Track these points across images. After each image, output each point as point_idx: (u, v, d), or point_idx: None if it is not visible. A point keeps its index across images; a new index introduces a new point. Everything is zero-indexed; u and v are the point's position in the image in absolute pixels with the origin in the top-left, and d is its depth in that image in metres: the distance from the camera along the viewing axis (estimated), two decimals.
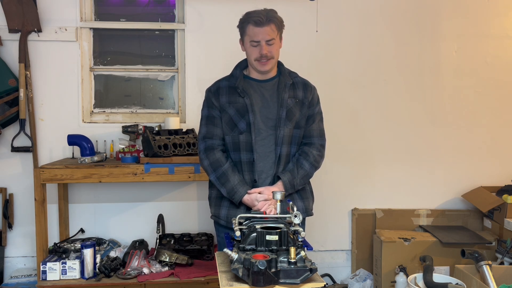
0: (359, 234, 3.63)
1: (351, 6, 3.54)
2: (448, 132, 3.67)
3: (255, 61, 2.12)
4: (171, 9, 3.56)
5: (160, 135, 3.11)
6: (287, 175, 2.12)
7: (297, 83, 2.24)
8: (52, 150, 3.39)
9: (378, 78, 3.60)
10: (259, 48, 2.09)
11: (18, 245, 3.43)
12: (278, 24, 2.11)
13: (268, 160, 2.15)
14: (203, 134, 2.20)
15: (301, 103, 2.21)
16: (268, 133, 2.15)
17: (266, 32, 2.07)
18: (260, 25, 2.06)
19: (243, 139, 2.14)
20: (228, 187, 2.10)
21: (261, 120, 2.15)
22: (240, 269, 1.52)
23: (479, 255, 2.81)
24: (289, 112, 2.16)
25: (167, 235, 3.39)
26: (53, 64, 3.37)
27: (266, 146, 2.15)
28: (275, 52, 2.13)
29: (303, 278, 1.53)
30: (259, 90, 2.19)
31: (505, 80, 3.68)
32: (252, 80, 2.21)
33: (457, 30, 3.62)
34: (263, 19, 2.06)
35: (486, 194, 3.49)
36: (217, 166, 2.12)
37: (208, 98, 2.23)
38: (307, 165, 2.18)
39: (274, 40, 2.10)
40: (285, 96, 2.16)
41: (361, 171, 3.64)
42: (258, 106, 2.16)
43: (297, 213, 1.70)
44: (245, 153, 2.14)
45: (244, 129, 2.13)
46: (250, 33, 2.09)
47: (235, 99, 2.16)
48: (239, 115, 2.14)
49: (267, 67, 2.14)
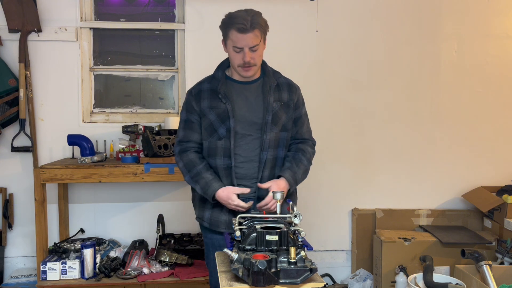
0: (359, 234, 3.63)
1: (351, 6, 3.54)
2: (448, 132, 3.67)
3: (238, 67, 2.05)
4: (171, 9, 3.56)
5: (160, 135, 3.11)
6: (287, 172, 2.09)
7: (281, 84, 2.17)
8: (52, 150, 3.39)
9: (378, 78, 3.60)
10: (241, 54, 2.01)
11: (18, 245, 3.43)
12: (262, 28, 2.02)
13: (252, 164, 2.10)
14: (180, 137, 2.16)
15: (287, 106, 2.15)
16: (253, 137, 2.09)
17: (249, 38, 1.98)
18: (244, 32, 1.97)
19: (221, 145, 2.08)
20: (202, 183, 2.05)
21: (245, 124, 2.08)
22: (240, 269, 1.52)
23: (479, 255, 2.81)
24: (275, 116, 2.10)
25: (167, 235, 3.39)
26: (53, 64, 3.37)
27: (250, 150, 2.10)
28: (258, 59, 2.07)
29: (303, 278, 1.53)
30: (243, 93, 2.12)
31: (505, 80, 3.68)
32: (235, 82, 2.14)
33: (457, 30, 3.62)
34: (247, 25, 1.96)
35: (486, 194, 3.49)
36: (192, 167, 2.09)
37: (188, 101, 2.16)
38: (305, 160, 2.17)
39: (257, 46, 2.02)
40: (270, 99, 2.09)
41: (361, 171, 3.64)
42: (242, 111, 2.09)
43: (297, 213, 1.70)
44: (222, 159, 2.09)
45: (223, 134, 2.08)
46: (233, 39, 2.00)
47: (216, 104, 2.09)
48: (220, 121, 2.08)
49: (250, 73, 2.07)
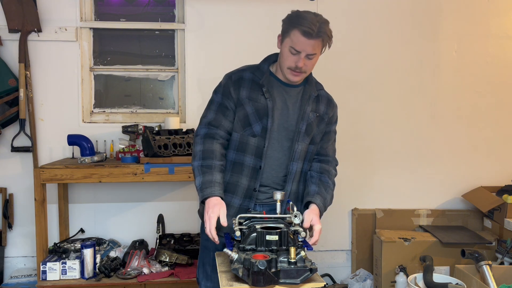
0: (359, 234, 3.63)
1: (351, 6, 3.54)
2: (448, 132, 3.67)
3: (287, 68, 1.91)
4: (171, 9, 3.56)
5: (160, 135, 3.11)
6: (318, 198, 1.95)
7: (321, 97, 2.06)
8: (52, 150, 3.39)
9: (378, 78, 3.60)
10: (297, 58, 1.87)
11: (18, 245, 3.43)
12: (326, 39, 1.89)
13: (276, 172, 1.99)
14: (209, 119, 1.96)
15: (321, 118, 2.04)
16: (281, 143, 1.98)
17: (311, 45, 1.84)
18: (308, 37, 1.82)
19: (253, 143, 1.94)
20: (207, 177, 1.83)
21: (279, 127, 1.97)
22: (240, 269, 1.52)
23: (479, 255, 2.81)
24: (309, 126, 1.99)
25: (167, 235, 3.39)
26: (53, 64, 3.37)
27: (276, 158, 1.98)
28: (311, 67, 1.94)
29: (303, 278, 1.53)
30: (282, 94, 1.99)
31: (505, 80, 3.68)
32: (277, 80, 2.00)
33: (457, 30, 3.62)
34: (313, 31, 1.81)
35: (486, 194, 3.49)
36: (209, 157, 1.88)
37: (226, 85, 1.98)
38: (332, 185, 2.05)
39: (315, 56, 1.89)
40: (307, 109, 1.98)
41: (361, 171, 3.64)
42: (278, 112, 1.97)
43: (297, 213, 1.70)
44: (252, 158, 1.95)
45: (258, 132, 1.94)
46: (294, 40, 1.85)
47: (256, 96, 1.95)
48: (257, 116, 1.94)
49: (297, 79, 1.94)
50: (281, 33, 1.93)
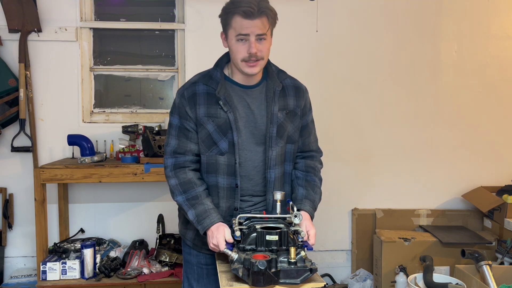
0: (359, 234, 3.63)
1: (351, 6, 3.54)
2: (448, 132, 3.67)
3: (241, 61, 1.74)
4: (171, 9, 3.57)
5: (160, 135, 3.11)
6: (307, 204, 1.84)
7: (287, 88, 1.89)
8: (52, 150, 3.39)
9: (378, 78, 3.60)
10: (247, 45, 1.71)
11: (18, 245, 3.43)
12: (271, 17, 1.74)
13: (255, 181, 1.85)
14: (173, 148, 1.82)
15: (293, 114, 1.88)
16: (254, 151, 1.83)
17: (256, 25, 1.69)
18: (251, 17, 1.68)
19: (223, 161, 1.80)
20: (200, 209, 1.74)
21: (246, 137, 1.81)
22: (240, 269, 1.52)
23: (479, 255, 2.81)
24: (280, 127, 1.83)
25: (167, 235, 3.39)
26: (53, 64, 3.37)
27: (253, 166, 1.83)
28: (266, 52, 1.76)
29: (303, 278, 1.53)
30: (244, 99, 1.82)
31: (505, 80, 3.68)
32: (235, 84, 1.83)
33: (457, 30, 3.62)
34: (254, 9, 1.67)
35: (486, 194, 3.48)
36: (189, 188, 1.78)
37: (180, 105, 1.81)
38: (319, 181, 1.94)
39: (265, 36, 1.72)
40: (274, 108, 1.81)
41: (361, 171, 3.64)
42: (243, 120, 1.80)
43: (297, 213, 1.70)
44: (225, 178, 1.81)
45: (226, 149, 1.79)
46: (237, 26, 1.70)
47: (215, 111, 1.78)
48: (220, 133, 1.79)
49: (256, 70, 1.76)
50: (222, 29, 1.79)
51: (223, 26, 1.79)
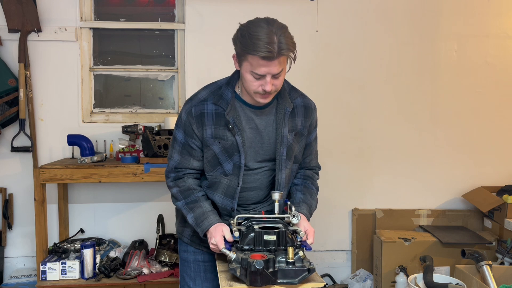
0: (359, 234, 3.63)
1: (351, 6, 3.54)
2: (448, 132, 3.66)
3: (254, 93, 1.69)
4: (171, 9, 3.57)
5: (160, 135, 3.11)
6: (304, 207, 1.85)
7: (297, 108, 1.84)
8: (52, 150, 3.39)
9: (378, 78, 3.60)
10: (262, 81, 1.65)
11: (18, 245, 3.44)
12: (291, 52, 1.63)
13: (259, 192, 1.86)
14: (175, 163, 1.82)
15: (300, 135, 1.86)
16: (262, 167, 1.83)
17: (274, 66, 1.61)
18: (269, 60, 1.59)
19: (226, 182, 1.80)
20: (198, 212, 1.76)
21: (255, 159, 1.80)
22: (238, 269, 1.52)
23: (479, 255, 2.80)
24: (289, 150, 1.81)
25: (167, 235, 3.39)
26: (53, 64, 3.37)
27: (254, 187, 1.84)
28: (280, 84, 1.70)
29: (301, 278, 1.52)
30: (253, 120, 1.79)
31: (505, 80, 3.67)
32: (245, 105, 1.79)
33: (457, 30, 3.62)
34: (274, 53, 1.57)
35: (486, 194, 3.48)
36: (189, 194, 1.81)
37: (187, 123, 1.78)
38: (316, 191, 1.96)
39: (282, 72, 1.66)
40: (284, 131, 1.78)
41: (361, 171, 3.64)
42: (250, 141, 1.78)
43: (295, 213, 1.70)
44: (221, 197, 1.82)
45: (230, 171, 1.78)
46: (254, 64, 1.62)
47: (222, 133, 1.75)
48: (226, 155, 1.77)
49: (268, 100, 1.72)
50: (235, 54, 1.72)
51: (237, 53, 1.71)
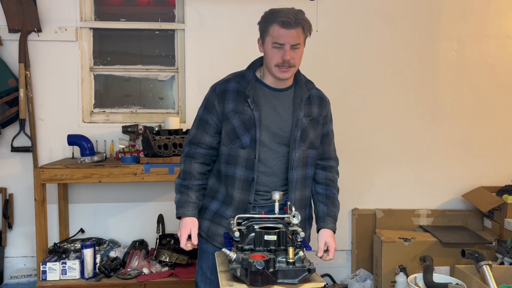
0: (359, 234, 3.63)
1: (351, 6, 3.54)
2: (448, 132, 3.66)
3: (275, 66, 1.86)
4: (171, 9, 3.57)
5: (160, 135, 3.11)
6: (330, 221, 2.00)
7: (313, 97, 2.01)
8: (52, 150, 3.39)
9: (378, 78, 3.60)
10: (282, 52, 1.84)
11: (18, 245, 3.44)
12: (306, 28, 1.87)
13: (275, 179, 1.96)
14: (191, 137, 1.99)
15: (316, 122, 2.00)
16: (275, 150, 1.93)
17: (292, 35, 1.82)
18: (288, 27, 1.81)
19: (243, 155, 1.91)
20: (183, 198, 1.92)
21: (271, 136, 1.92)
22: (238, 269, 1.53)
23: (479, 255, 2.81)
24: (303, 132, 1.94)
25: (167, 235, 3.39)
26: (53, 64, 3.37)
27: (274, 164, 1.94)
28: (298, 60, 1.90)
29: (301, 278, 1.53)
30: (272, 100, 1.94)
31: (505, 80, 3.68)
32: (265, 86, 1.95)
33: (457, 30, 3.62)
34: (292, 20, 1.80)
35: (486, 194, 3.48)
36: (187, 178, 1.94)
37: (210, 99, 1.96)
38: (337, 192, 2.07)
39: (299, 45, 1.86)
40: (300, 114, 1.94)
41: (361, 171, 3.64)
42: (268, 120, 1.91)
43: (295, 213, 1.70)
44: (243, 170, 1.92)
45: (247, 144, 1.90)
46: (274, 34, 1.83)
47: (242, 108, 1.91)
48: (244, 128, 1.90)
49: (288, 75, 1.88)
50: (260, 35, 1.93)
51: (260, 33, 1.92)
